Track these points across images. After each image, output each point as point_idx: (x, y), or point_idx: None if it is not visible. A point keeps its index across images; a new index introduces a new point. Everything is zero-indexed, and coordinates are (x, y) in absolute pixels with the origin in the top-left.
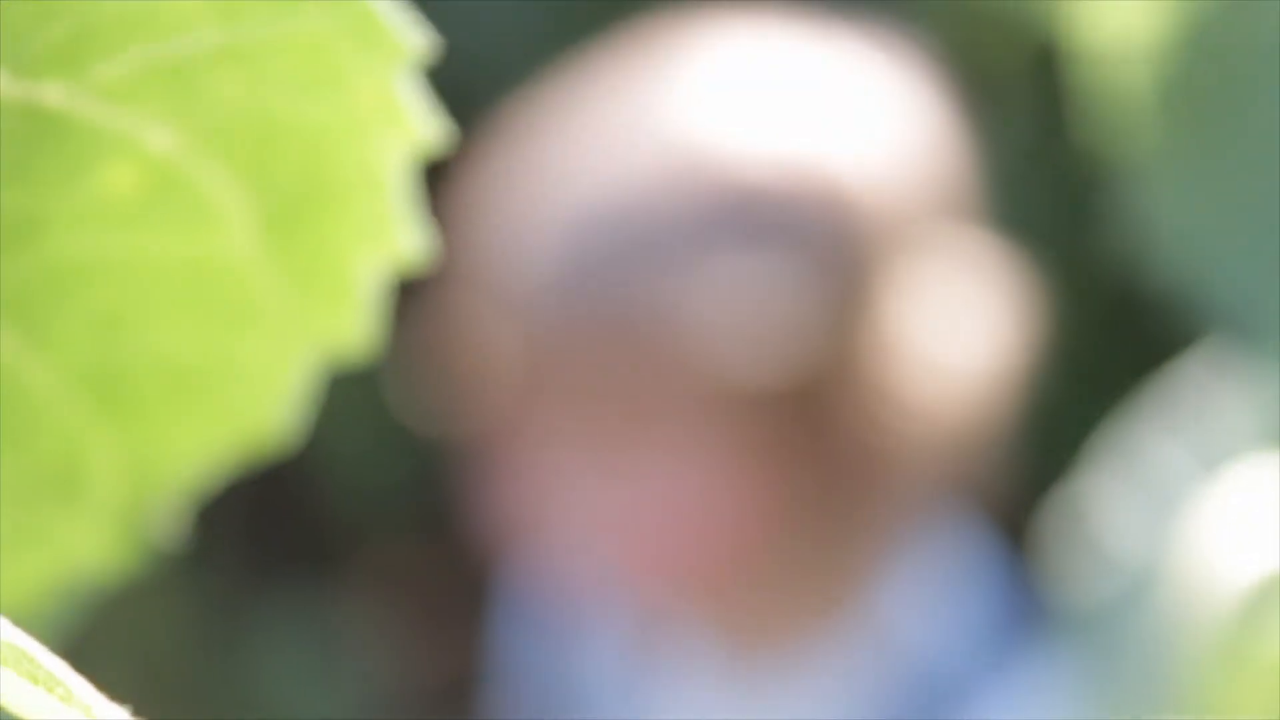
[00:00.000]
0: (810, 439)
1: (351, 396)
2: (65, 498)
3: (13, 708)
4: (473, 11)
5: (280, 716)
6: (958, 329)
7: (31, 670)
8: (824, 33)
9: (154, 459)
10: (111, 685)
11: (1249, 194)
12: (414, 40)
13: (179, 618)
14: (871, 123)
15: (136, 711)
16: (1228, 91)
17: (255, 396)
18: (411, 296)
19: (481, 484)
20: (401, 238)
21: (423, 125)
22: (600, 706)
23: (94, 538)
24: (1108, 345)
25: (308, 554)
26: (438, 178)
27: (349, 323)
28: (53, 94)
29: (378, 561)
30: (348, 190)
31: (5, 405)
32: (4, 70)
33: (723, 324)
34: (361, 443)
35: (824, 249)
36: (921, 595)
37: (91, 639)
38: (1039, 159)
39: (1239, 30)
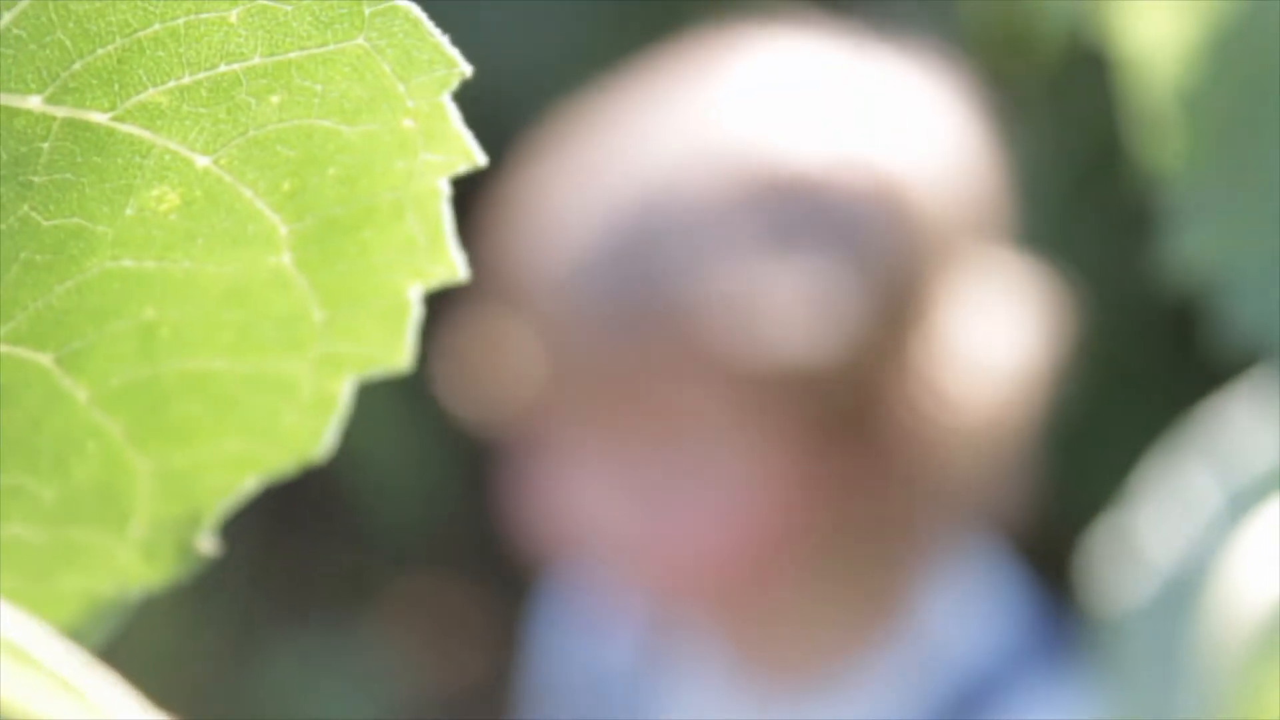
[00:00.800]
0: (853, 439)
1: (385, 413)
2: (105, 516)
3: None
4: (510, 27)
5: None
6: (996, 337)
7: (65, 684)
8: (866, 45)
9: (193, 478)
10: (145, 696)
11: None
12: (456, 59)
13: (206, 634)
14: (919, 130)
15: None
16: (1260, 102)
17: (295, 413)
18: (447, 309)
19: (516, 486)
20: (441, 258)
21: (464, 144)
22: (627, 709)
23: (134, 556)
24: (1151, 361)
25: (338, 573)
26: (477, 187)
27: (388, 342)
28: (98, 114)
29: (407, 578)
30: (389, 209)
31: (45, 424)
32: (51, 91)
33: (770, 317)
34: (392, 459)
35: (878, 246)
36: (957, 606)
37: (122, 652)
38: (1066, 170)
39: (1271, 37)
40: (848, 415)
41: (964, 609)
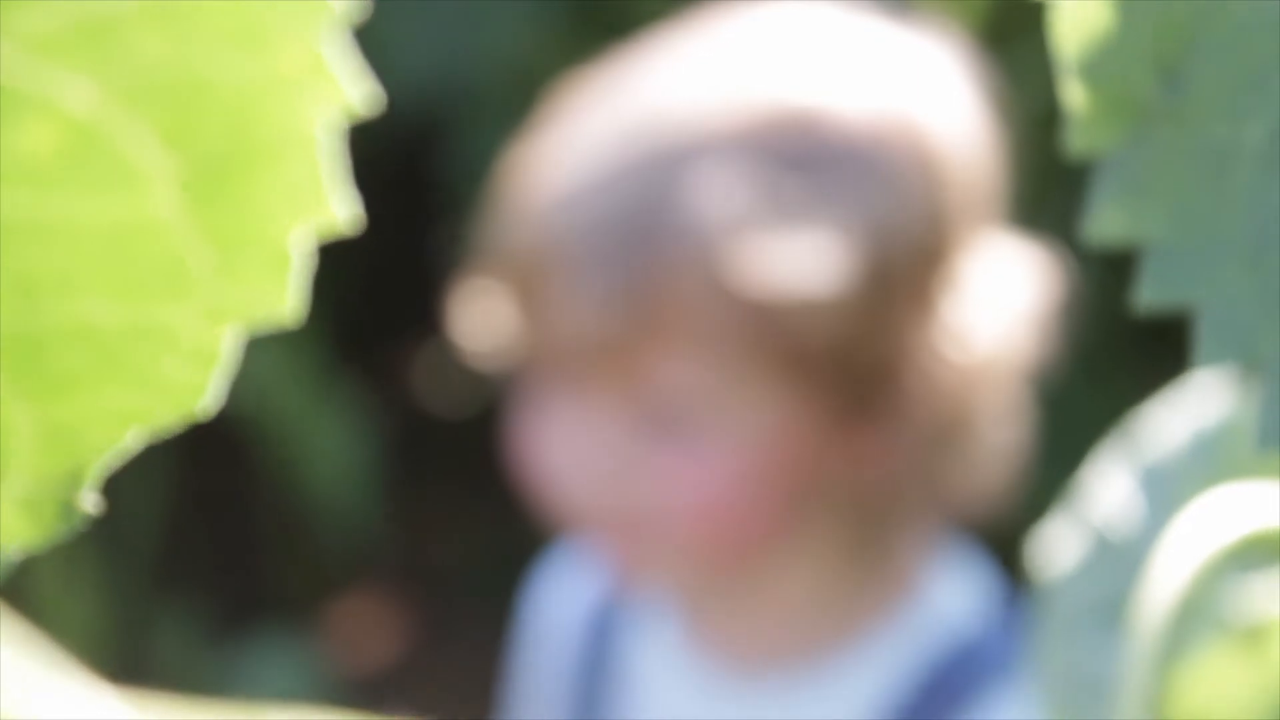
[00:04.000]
0: (861, 399)
1: (325, 408)
2: None
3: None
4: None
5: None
6: (1006, 298)
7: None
8: (871, 16)
9: (75, 431)
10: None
11: (1215, 189)
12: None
13: (166, 641)
14: (934, 81)
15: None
16: (1164, 59)
17: (180, 364)
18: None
19: (511, 437)
20: (324, 202)
21: (350, 86)
22: (588, 665)
23: (13, 512)
24: (1115, 343)
25: (290, 581)
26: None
27: (272, 290)
28: None
29: (339, 575)
30: (274, 152)
31: None
32: None
33: (781, 254)
34: (327, 454)
35: (900, 188)
36: (944, 590)
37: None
38: (1005, 130)
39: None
40: (858, 367)
41: (951, 595)
